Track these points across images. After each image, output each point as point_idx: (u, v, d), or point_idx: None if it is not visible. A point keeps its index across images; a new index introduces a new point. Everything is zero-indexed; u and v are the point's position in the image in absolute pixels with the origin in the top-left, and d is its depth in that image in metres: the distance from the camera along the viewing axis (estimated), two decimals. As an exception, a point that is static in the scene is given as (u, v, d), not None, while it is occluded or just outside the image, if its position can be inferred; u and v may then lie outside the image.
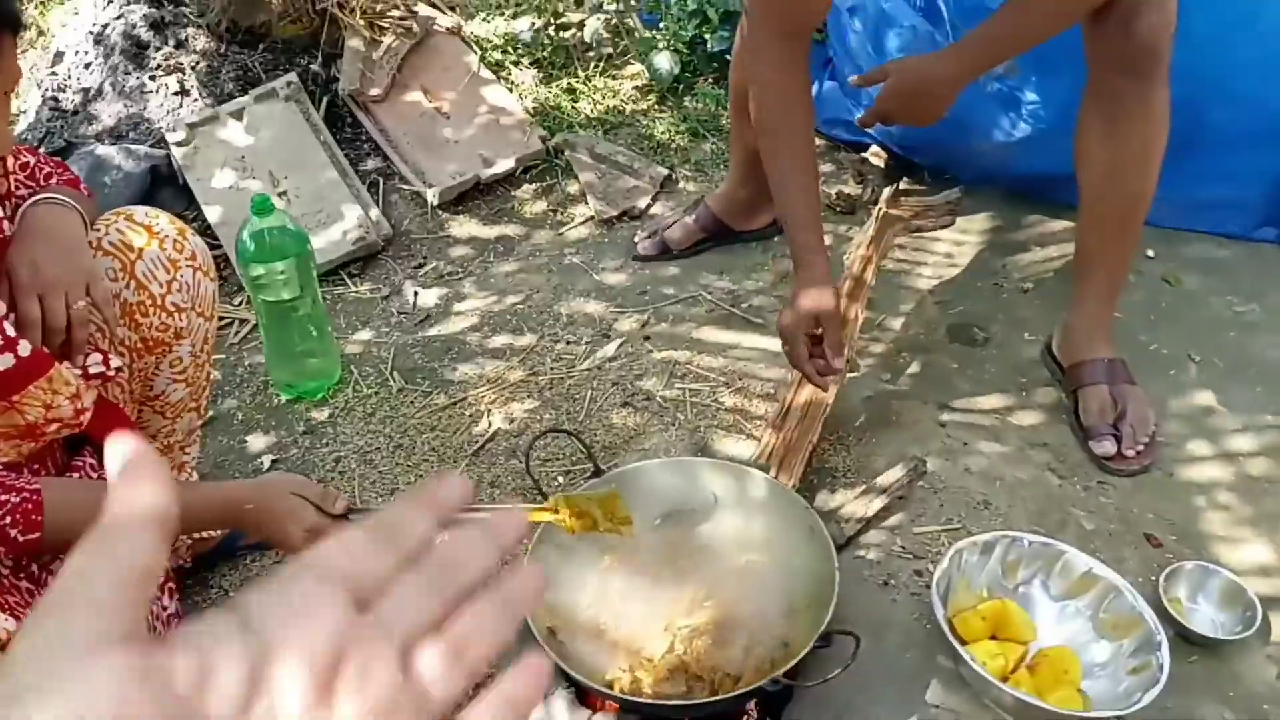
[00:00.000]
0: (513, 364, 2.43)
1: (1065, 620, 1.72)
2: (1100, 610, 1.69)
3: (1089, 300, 2.23)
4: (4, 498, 1.30)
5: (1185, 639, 1.75)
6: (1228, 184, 2.70)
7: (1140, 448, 2.08)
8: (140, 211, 1.65)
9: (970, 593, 1.75)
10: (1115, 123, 2.05)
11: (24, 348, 1.34)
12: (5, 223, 1.44)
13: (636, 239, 2.79)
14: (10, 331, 1.34)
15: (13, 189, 1.48)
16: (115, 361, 1.49)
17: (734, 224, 2.75)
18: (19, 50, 1.24)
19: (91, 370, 1.46)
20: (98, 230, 1.58)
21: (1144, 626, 1.62)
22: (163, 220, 1.65)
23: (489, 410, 2.30)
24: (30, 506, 1.31)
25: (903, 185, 2.68)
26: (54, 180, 1.54)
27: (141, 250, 1.60)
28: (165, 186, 2.95)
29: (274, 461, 2.21)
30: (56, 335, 1.42)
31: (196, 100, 3.10)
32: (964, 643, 1.64)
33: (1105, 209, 2.15)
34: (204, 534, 1.87)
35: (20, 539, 1.31)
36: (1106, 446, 2.07)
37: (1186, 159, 2.65)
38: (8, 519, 1.29)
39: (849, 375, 2.20)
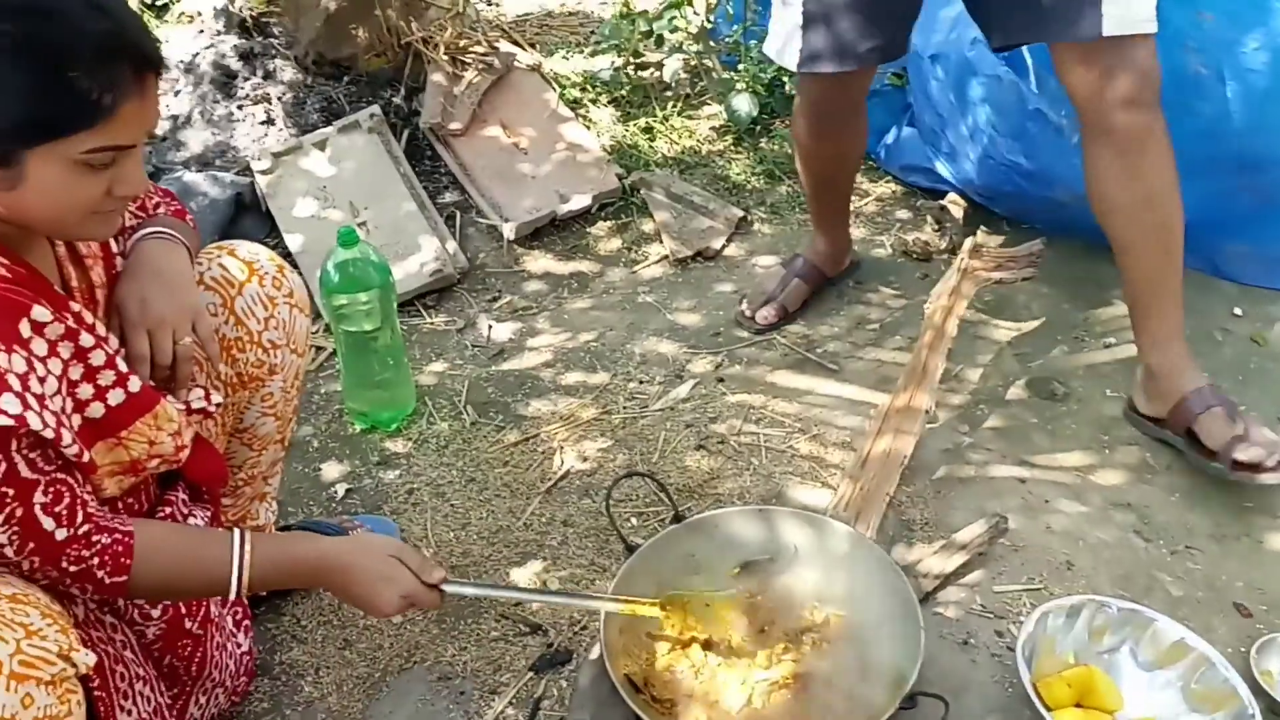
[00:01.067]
0: (586, 402, 2.43)
1: (1155, 690, 1.67)
2: (1192, 682, 1.63)
3: (1162, 341, 2.19)
4: (97, 538, 1.30)
5: (1277, 714, 1.69)
6: (1319, 243, 2.64)
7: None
8: (243, 248, 1.67)
9: (1055, 657, 1.70)
10: (1130, 157, 2.04)
11: (134, 383, 1.36)
12: (119, 258, 1.47)
13: (746, 310, 2.66)
14: (122, 367, 1.35)
15: (125, 221, 1.51)
16: (216, 397, 1.51)
17: (829, 270, 2.74)
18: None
19: (194, 405, 1.48)
20: (200, 264, 1.61)
21: (1238, 701, 1.57)
22: (263, 256, 1.68)
23: (561, 448, 2.30)
24: (120, 549, 1.32)
25: (981, 235, 2.65)
26: (162, 210, 1.57)
27: (242, 286, 1.63)
28: (248, 214, 3.01)
29: (348, 490, 2.23)
30: (163, 370, 1.44)
31: (281, 130, 3.17)
32: (1049, 709, 1.60)
33: (1147, 247, 2.13)
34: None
35: (107, 581, 1.32)
36: (1253, 451, 1.97)
37: (1276, 216, 2.61)
38: (96, 559, 1.30)
39: (928, 426, 2.18)
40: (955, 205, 2.98)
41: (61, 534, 1.26)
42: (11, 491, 1.20)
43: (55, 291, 1.30)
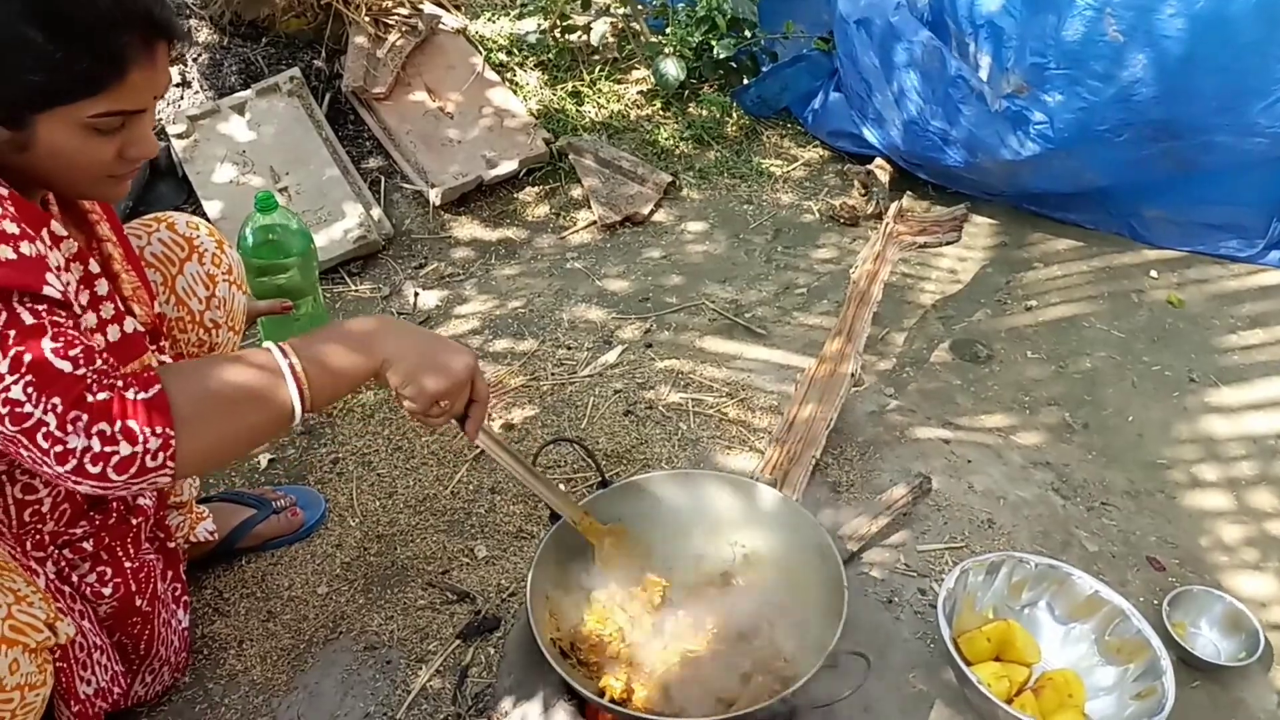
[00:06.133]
0: (514, 369, 2.41)
1: (1070, 643, 1.71)
2: (1105, 634, 1.68)
3: None
4: (118, 373, 1.15)
5: (1187, 664, 1.74)
6: (1234, 207, 2.70)
7: None
8: (181, 221, 1.63)
9: (975, 613, 1.73)
10: None
11: (128, 324, 1.34)
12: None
13: None
14: (120, 306, 1.33)
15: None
16: (166, 358, 1.50)
17: None
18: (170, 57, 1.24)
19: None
20: (139, 238, 1.57)
21: (1150, 652, 1.62)
22: (202, 232, 1.64)
23: (490, 415, 2.28)
24: (147, 375, 1.16)
25: (907, 200, 2.68)
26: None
27: (183, 264, 1.59)
28: (164, 179, 2.93)
29: (271, 461, 2.19)
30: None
31: (198, 93, 3.08)
32: (969, 663, 1.63)
33: None
34: (199, 539, 1.85)
35: (141, 397, 1.12)
36: None
37: (1193, 181, 2.67)
38: (122, 382, 1.13)
39: (854, 389, 2.20)
40: (881, 170, 3.00)
41: (80, 371, 1.11)
42: (14, 334, 1.09)
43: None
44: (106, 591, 1.48)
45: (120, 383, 1.12)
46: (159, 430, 1.11)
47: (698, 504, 1.77)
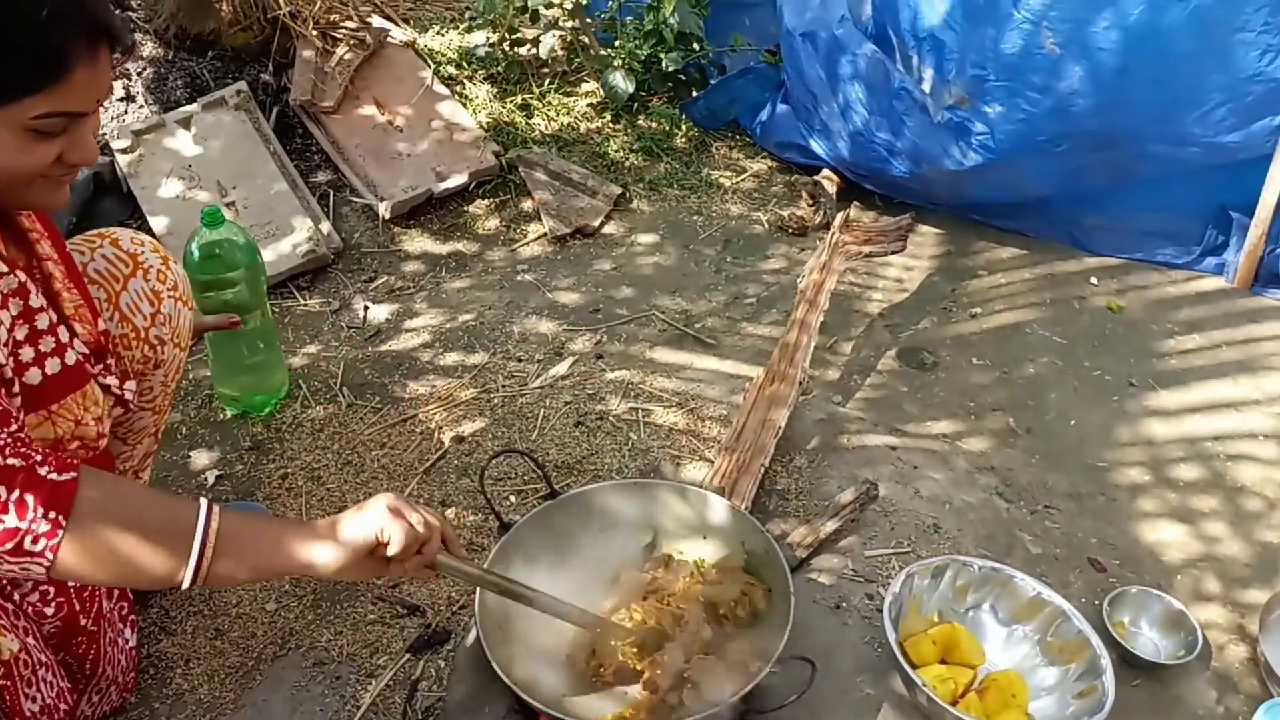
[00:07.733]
0: (464, 381, 2.41)
1: (1013, 644, 1.74)
2: (1048, 634, 1.71)
3: None
4: (34, 448, 1.15)
5: (1128, 663, 1.78)
6: (1170, 215, 2.77)
7: None
8: (125, 237, 1.62)
9: (921, 616, 1.76)
10: None
11: (70, 356, 1.33)
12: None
13: None
14: (63, 337, 1.33)
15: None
16: (130, 385, 1.49)
17: None
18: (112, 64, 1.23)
19: (127, 395, 1.47)
20: (83, 254, 1.56)
21: (1090, 651, 1.65)
22: (146, 248, 1.63)
23: (440, 428, 2.28)
24: (66, 457, 1.19)
25: (854, 210, 2.71)
26: None
27: (126, 280, 1.58)
28: (108, 194, 2.90)
29: (219, 477, 2.17)
30: None
31: (143, 107, 3.05)
32: (915, 666, 1.65)
33: None
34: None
35: (55, 477, 1.12)
36: None
37: (1131, 189, 2.73)
38: (39, 456, 1.13)
39: (802, 398, 2.22)
40: (829, 181, 3.04)
41: None
42: None
43: (2, 253, 1.27)
44: (49, 611, 1.46)
45: (38, 456, 1.12)
46: (52, 515, 1.10)
47: (647, 514, 1.79)
